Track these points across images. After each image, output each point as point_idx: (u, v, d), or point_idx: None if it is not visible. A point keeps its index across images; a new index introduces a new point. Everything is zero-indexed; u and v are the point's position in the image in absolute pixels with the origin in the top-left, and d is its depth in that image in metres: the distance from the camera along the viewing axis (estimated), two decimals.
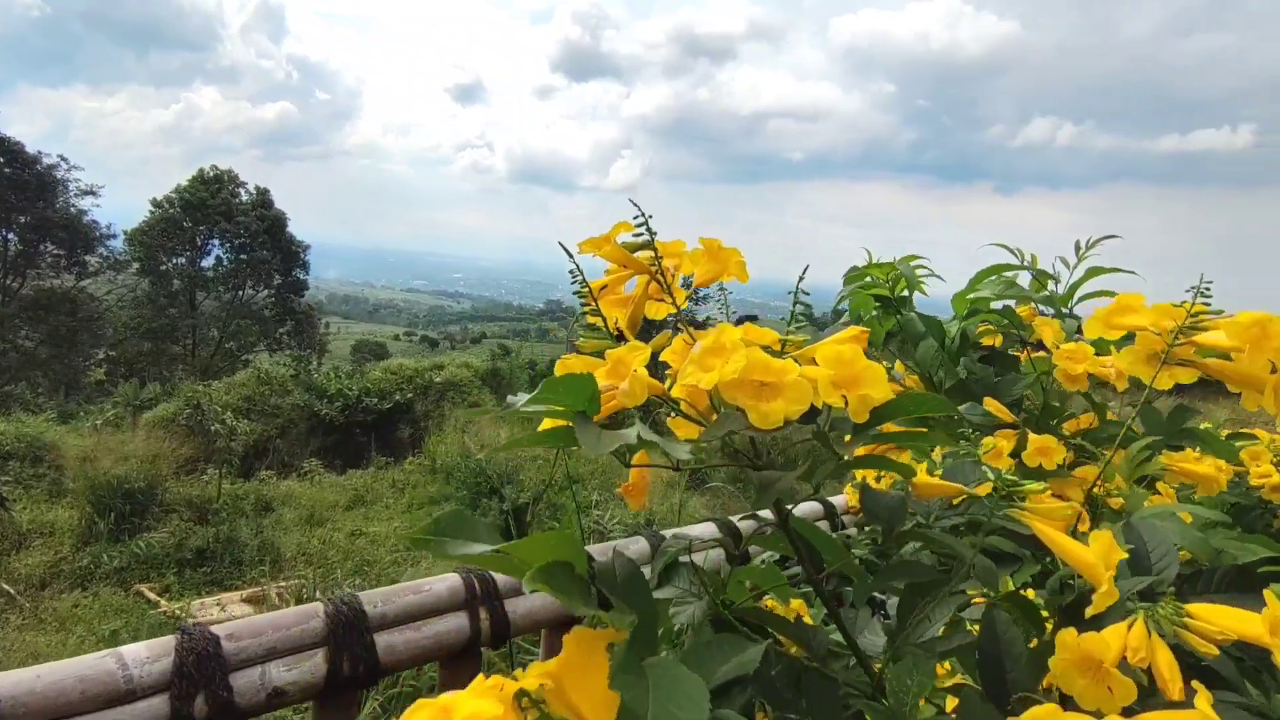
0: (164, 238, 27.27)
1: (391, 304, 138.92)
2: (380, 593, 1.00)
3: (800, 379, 0.50)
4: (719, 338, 0.52)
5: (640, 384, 0.52)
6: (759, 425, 0.50)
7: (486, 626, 1.07)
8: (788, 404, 0.50)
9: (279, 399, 14.55)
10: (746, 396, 0.50)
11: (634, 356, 0.54)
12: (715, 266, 0.63)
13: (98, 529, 8.38)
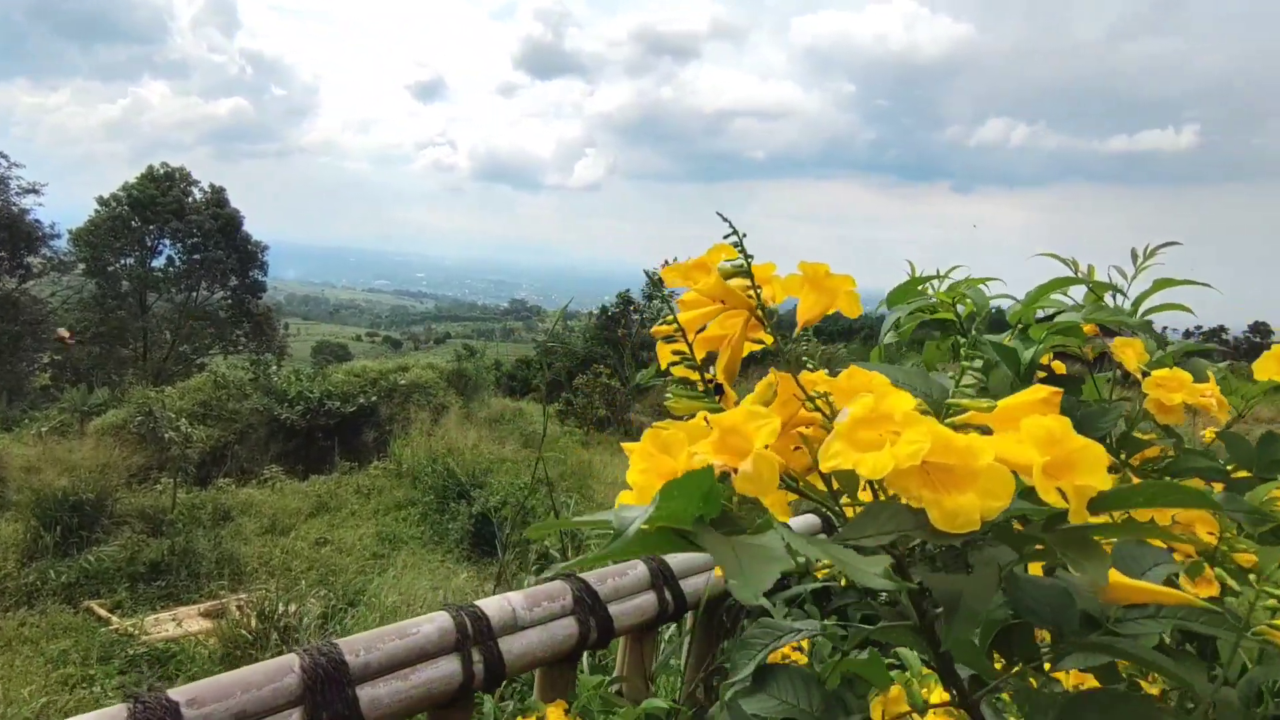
0: (111, 237, 26.31)
1: (353, 304, 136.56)
2: (362, 639, 0.90)
3: (998, 465, 0.38)
4: (880, 404, 0.40)
5: (770, 466, 0.40)
6: (944, 526, 0.37)
7: (480, 669, 0.98)
8: (983, 498, 0.38)
9: (237, 403, 14.11)
10: (922, 487, 0.38)
11: (757, 427, 0.41)
12: (821, 298, 0.52)
13: (44, 543, 8.00)
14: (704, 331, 0.54)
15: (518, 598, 1.06)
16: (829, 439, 0.41)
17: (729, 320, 0.53)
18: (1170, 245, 0.71)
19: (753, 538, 0.39)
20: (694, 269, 0.52)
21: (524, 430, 13.58)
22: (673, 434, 0.44)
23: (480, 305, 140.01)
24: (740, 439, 0.42)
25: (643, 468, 0.44)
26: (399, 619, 4.54)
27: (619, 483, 3.10)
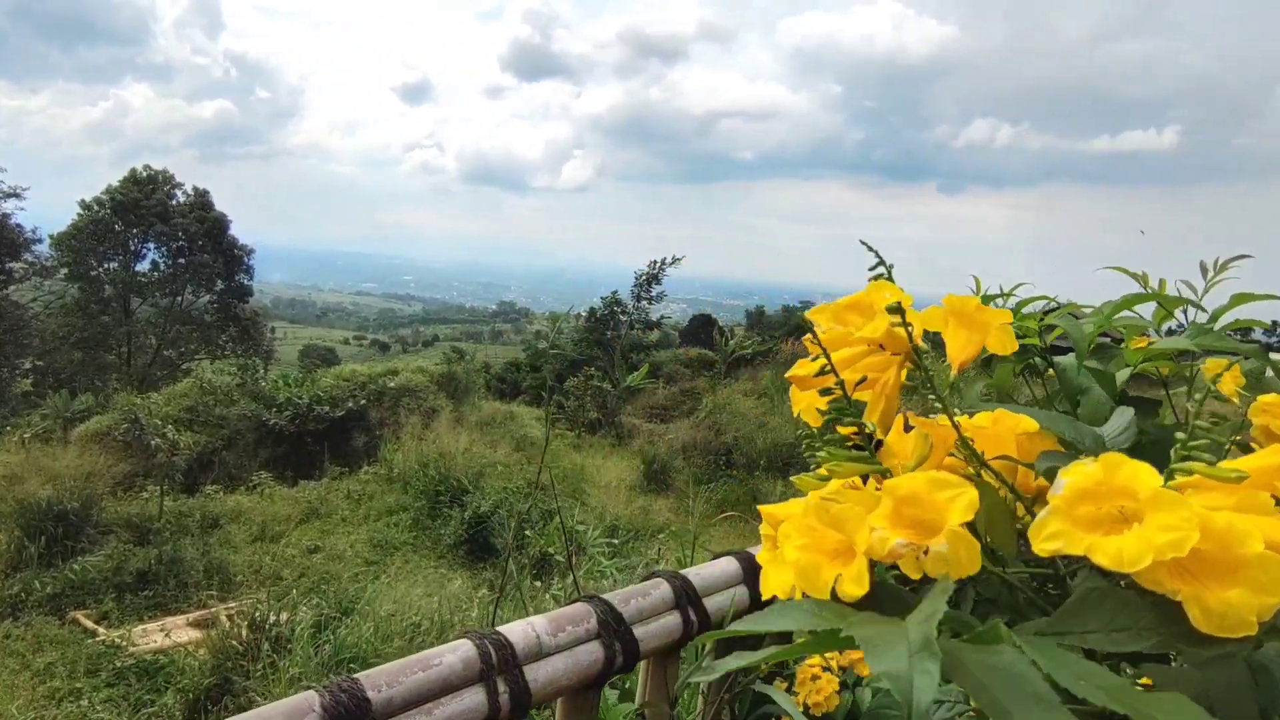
0: (94, 241, 26.00)
1: (340, 307, 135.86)
2: (384, 673, 0.85)
3: (1271, 553, 0.31)
4: (1112, 477, 0.33)
5: (970, 549, 0.34)
6: (1209, 629, 0.30)
7: (506, 700, 0.93)
8: (1256, 593, 0.30)
9: (224, 409, 13.95)
10: (1175, 579, 0.31)
11: (949, 499, 0.35)
12: (973, 335, 0.45)
13: (28, 554, 7.86)
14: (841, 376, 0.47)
15: (541, 622, 1.02)
16: (1044, 515, 0.34)
17: (879, 364, 0.47)
18: (1243, 258, 0.68)
19: (990, 656, 0.30)
20: (847, 310, 0.47)
21: (515, 434, 13.50)
22: (848, 508, 0.38)
23: (468, 307, 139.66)
24: (924, 511, 0.37)
25: (803, 543, 0.38)
26: (394, 628, 4.47)
27: (610, 485, 3.08)
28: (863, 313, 0.46)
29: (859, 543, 0.36)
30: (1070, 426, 0.45)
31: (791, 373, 0.49)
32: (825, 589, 0.36)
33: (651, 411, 17.57)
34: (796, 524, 0.39)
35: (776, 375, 18.17)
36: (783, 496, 2.27)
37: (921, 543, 0.36)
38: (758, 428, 13.62)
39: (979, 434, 0.41)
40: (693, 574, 1.31)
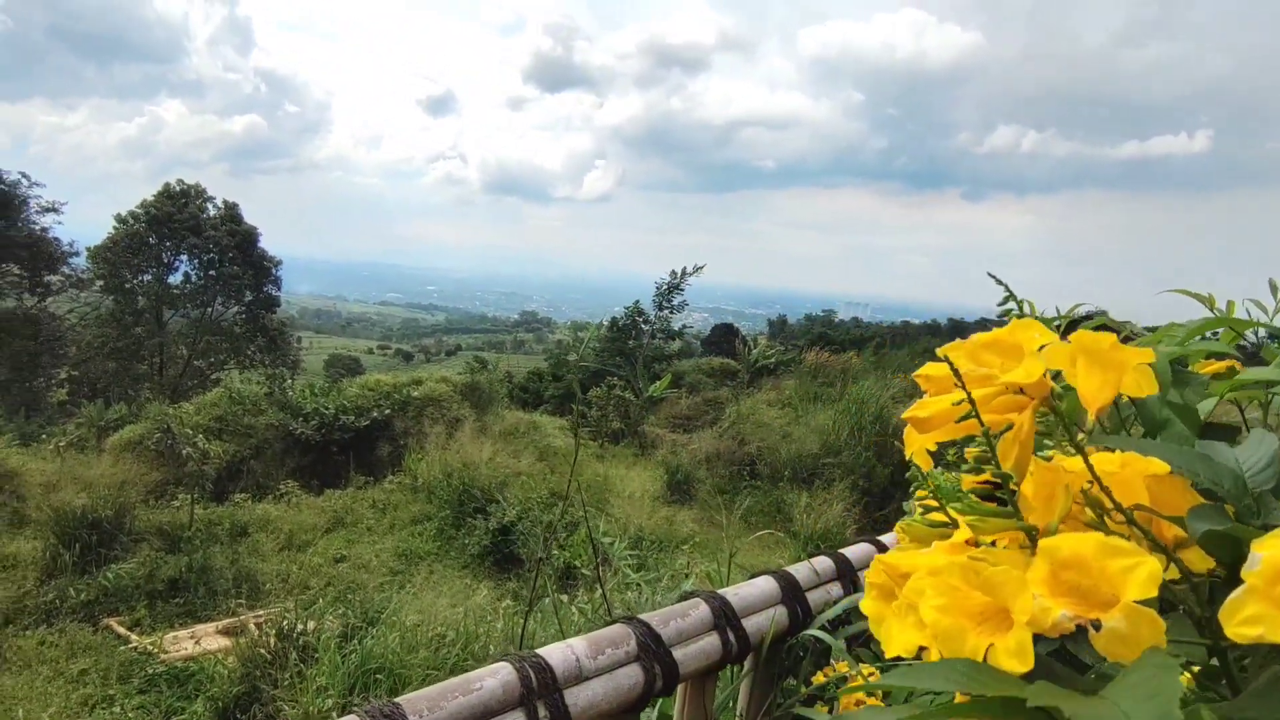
0: (129, 254, 26.59)
1: (365, 317, 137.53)
2: (425, 698, 0.84)
3: None
4: None
5: (1154, 627, 0.30)
6: None
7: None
8: None
9: (252, 418, 14.14)
10: None
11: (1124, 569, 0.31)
12: (1108, 375, 0.41)
13: (63, 561, 8.01)
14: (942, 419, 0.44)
15: (580, 645, 1.00)
16: (1239, 596, 0.30)
17: (1011, 406, 0.43)
18: None
19: None
20: (984, 349, 0.43)
21: (539, 444, 13.52)
22: (1005, 572, 0.34)
23: (491, 317, 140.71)
24: (1089, 578, 0.32)
25: (942, 604, 0.35)
26: (420, 638, 4.47)
27: (634, 496, 3.04)
28: (1003, 352, 0.43)
29: (1018, 611, 0.33)
30: (1206, 467, 0.41)
31: (910, 414, 0.46)
32: (973, 657, 0.33)
33: (674, 421, 17.52)
34: (934, 582, 0.36)
35: (800, 384, 18.02)
36: (807, 509, 2.25)
37: (1088, 615, 0.32)
38: (782, 438, 13.51)
39: (1106, 480, 0.38)
40: (731, 594, 1.28)
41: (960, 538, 0.41)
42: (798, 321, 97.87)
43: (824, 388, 17.10)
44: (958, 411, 0.43)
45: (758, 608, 1.27)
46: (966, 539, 0.40)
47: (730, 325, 62.34)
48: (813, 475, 12.31)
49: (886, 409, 12.53)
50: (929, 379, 0.46)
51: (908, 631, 0.35)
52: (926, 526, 0.45)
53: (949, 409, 0.44)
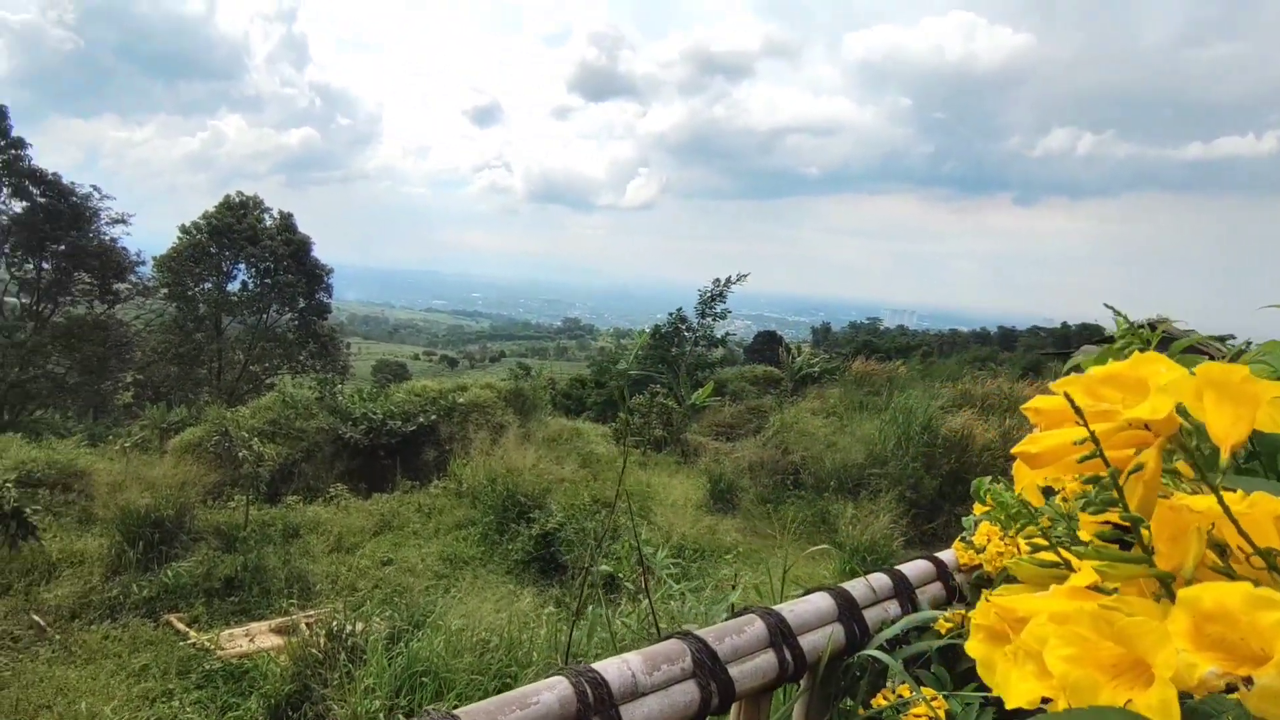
0: (191, 263, 27.67)
1: (411, 324, 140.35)
2: (482, 710, 0.84)
3: None
4: None
5: None
6: None
7: None
8: None
9: (304, 422, 14.52)
10: None
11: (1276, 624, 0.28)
12: (1241, 411, 0.38)
13: (127, 558, 8.32)
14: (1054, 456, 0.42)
15: (636, 660, 0.99)
16: None
17: (1130, 443, 0.40)
18: None
19: None
20: (1104, 384, 0.41)
21: (582, 450, 13.58)
22: (1144, 623, 0.31)
23: (534, 324, 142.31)
24: (1235, 632, 0.30)
25: (1071, 654, 0.33)
26: (464, 642, 4.51)
27: (677, 504, 3.02)
28: (1125, 387, 0.41)
29: (1161, 666, 0.30)
30: None
31: (1020, 449, 0.43)
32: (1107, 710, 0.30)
33: (717, 429, 17.42)
34: (1061, 631, 0.33)
35: (845, 393, 17.75)
36: (853, 520, 2.20)
37: (1236, 671, 0.29)
38: (826, 447, 13.31)
39: (1251, 523, 0.35)
40: (787, 610, 1.26)
41: (1081, 581, 0.38)
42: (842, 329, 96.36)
43: (869, 396, 16.80)
44: (1075, 449, 0.41)
45: (813, 625, 1.24)
46: (1089, 584, 0.38)
47: (773, 333, 61.76)
48: (858, 486, 12.09)
49: (935, 419, 12.24)
50: (1039, 412, 0.43)
51: (1028, 681, 0.33)
52: (1036, 566, 0.43)
53: (1065, 446, 0.41)
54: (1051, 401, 0.42)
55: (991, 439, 11.56)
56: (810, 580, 7.63)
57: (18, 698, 5.82)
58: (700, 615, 3.60)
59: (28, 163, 27.13)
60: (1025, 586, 0.44)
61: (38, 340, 26.60)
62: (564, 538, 9.04)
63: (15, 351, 25.67)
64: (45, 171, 27.74)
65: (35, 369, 26.15)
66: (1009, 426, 11.92)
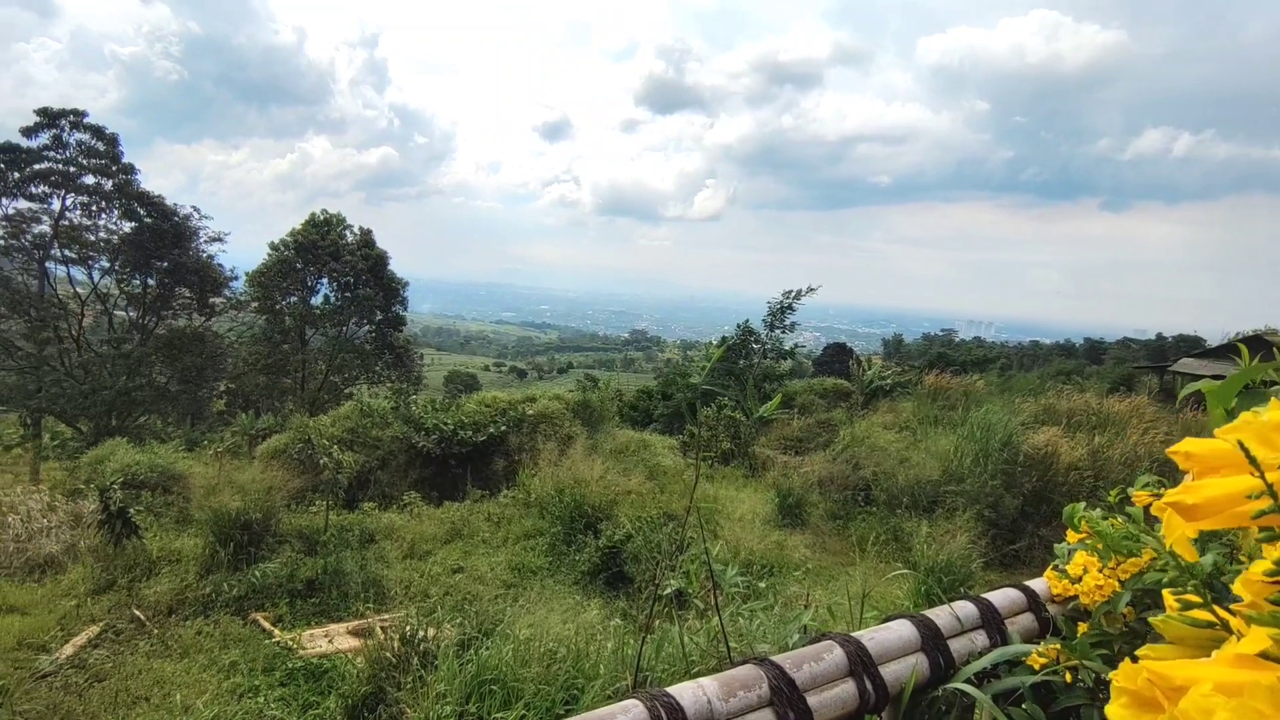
0: (279, 278, 29.17)
1: (482, 335, 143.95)
2: None
3: None
4: None
5: None
6: None
7: None
8: None
9: (379, 431, 15.05)
10: None
11: None
12: None
13: (219, 558, 8.77)
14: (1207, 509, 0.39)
15: (711, 685, 0.97)
16: None
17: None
18: None
19: None
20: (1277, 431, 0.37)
21: (649, 462, 13.59)
22: None
23: (601, 336, 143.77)
24: None
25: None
26: (532, 652, 4.56)
27: (744, 519, 2.97)
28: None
29: None
30: None
31: (1174, 498, 0.40)
32: None
33: (785, 443, 17.14)
34: (1235, 706, 0.30)
35: (919, 407, 17.20)
36: (928, 539, 2.11)
37: None
38: (899, 463, 12.90)
39: None
40: (866, 638, 1.22)
41: (1250, 648, 0.34)
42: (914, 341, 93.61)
43: (944, 411, 16.23)
44: (1248, 503, 0.36)
45: (895, 654, 1.19)
46: (1259, 650, 0.34)
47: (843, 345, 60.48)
48: (933, 503, 11.67)
49: (1016, 435, 11.70)
50: (1190, 457, 0.39)
51: None
52: (1189, 625, 0.39)
53: (1233, 496, 0.37)
54: (1206, 445, 0.38)
55: (1078, 458, 10.96)
56: (884, 601, 7.38)
57: (118, 689, 6.20)
58: (771, 634, 3.53)
59: (136, 186, 29.26)
60: (1175, 648, 0.40)
61: (143, 351, 28.54)
62: (631, 550, 9.03)
63: (123, 361, 27.61)
64: (151, 194, 29.87)
65: (141, 378, 28.04)
66: (1097, 445, 11.29)
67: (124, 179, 28.86)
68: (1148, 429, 12.11)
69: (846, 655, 1.12)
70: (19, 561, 9.28)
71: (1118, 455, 11.08)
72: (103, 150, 28.54)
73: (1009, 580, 5.13)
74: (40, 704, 5.86)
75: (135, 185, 29.04)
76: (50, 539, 9.69)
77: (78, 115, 28.19)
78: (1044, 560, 11.82)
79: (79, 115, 28.22)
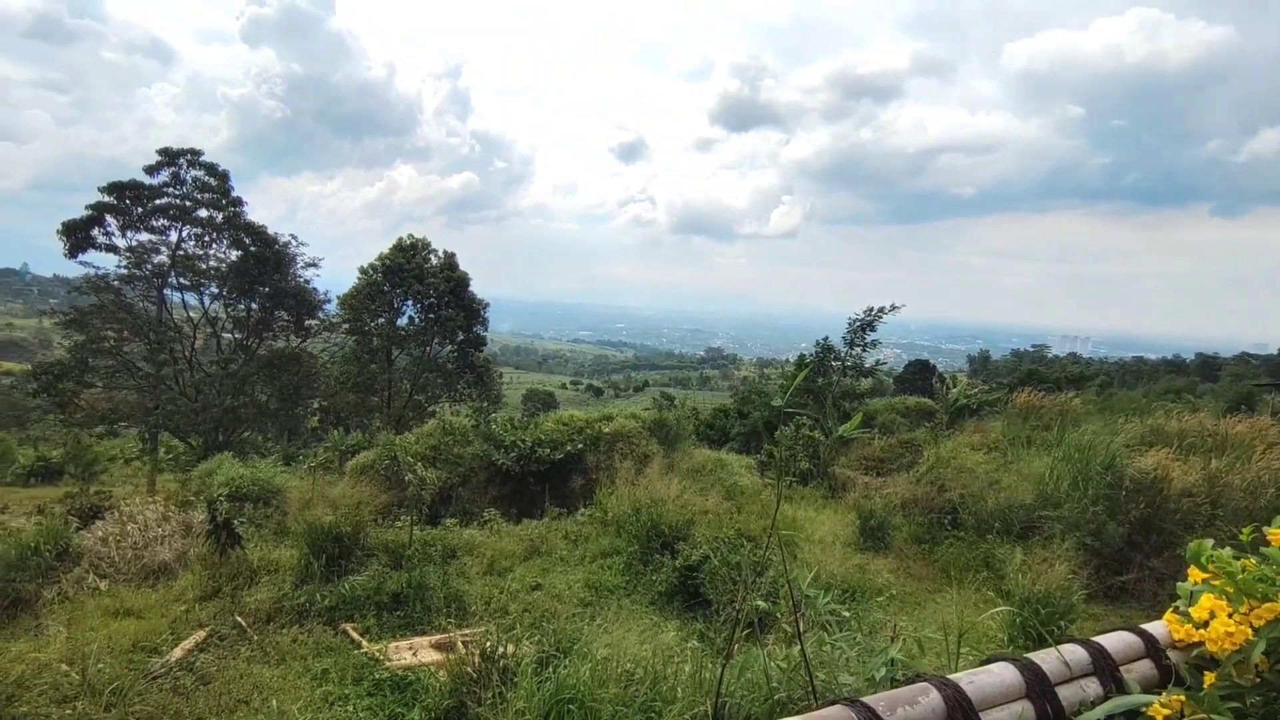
0: (368, 301, 30.62)
1: (559, 354, 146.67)
2: None
3: None
4: None
5: None
6: None
7: None
8: None
9: (461, 448, 15.47)
10: None
11: None
12: None
13: (313, 569, 9.18)
14: None
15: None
16: None
17: None
18: None
19: None
20: None
21: (726, 482, 13.45)
22: None
23: (677, 354, 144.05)
24: None
25: None
26: (609, 672, 4.54)
27: (824, 541, 2.88)
28: None
29: None
30: None
31: None
32: None
33: (866, 463, 16.64)
34: None
35: (1009, 427, 16.38)
36: (1022, 567, 1.99)
37: None
38: (988, 485, 12.30)
39: None
40: (965, 681, 1.15)
41: None
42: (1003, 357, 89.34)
43: (1037, 431, 15.39)
44: None
45: (996, 701, 1.12)
46: None
47: (925, 362, 58.49)
48: (1027, 529, 11.04)
49: (1119, 458, 10.96)
50: None
51: None
52: None
53: None
54: None
55: (1193, 483, 10.16)
56: (975, 633, 7.00)
57: (221, 692, 6.55)
58: (855, 666, 3.40)
59: (243, 218, 31.41)
60: None
61: (247, 370, 30.44)
62: (708, 571, 8.93)
63: (230, 381, 29.51)
64: (256, 224, 32.03)
65: (244, 396, 29.89)
66: (1215, 470, 10.43)
67: (233, 211, 31.05)
68: (1272, 453, 11.11)
69: (944, 700, 1.06)
70: (136, 567, 9.98)
71: (1239, 482, 10.19)
72: (215, 185, 30.83)
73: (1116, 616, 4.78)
74: (151, 705, 6.24)
75: (242, 217, 31.20)
76: (164, 547, 10.38)
77: (194, 154, 30.58)
78: (1155, 594, 10.95)
79: (195, 154, 30.61)
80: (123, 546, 10.32)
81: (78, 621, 8.13)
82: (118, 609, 8.61)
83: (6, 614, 8.64)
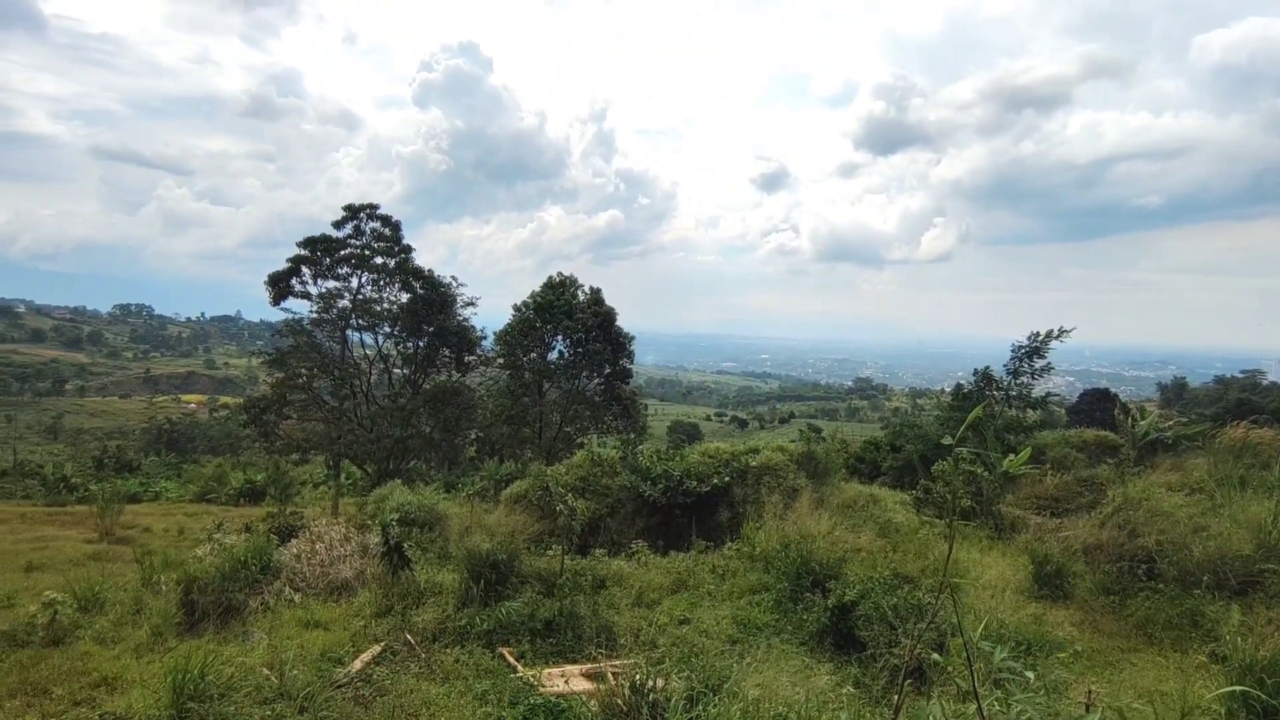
0: (521, 336, 32.39)
1: (703, 386, 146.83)
2: None
3: None
4: None
5: None
6: None
7: None
8: None
9: (609, 480, 15.81)
10: None
11: None
12: None
13: (473, 593, 9.68)
14: None
15: None
16: None
17: None
18: None
19: None
20: None
21: (879, 518, 12.78)
22: None
23: (824, 384, 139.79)
24: None
25: None
26: (760, 714, 4.41)
27: (991, 585, 2.62)
28: None
29: None
30: None
31: None
32: None
33: (1039, 502, 15.19)
34: None
35: (1216, 465, 14.35)
36: (1242, 628, 1.71)
37: None
38: (1192, 532, 10.78)
39: None
40: None
41: None
42: (1203, 384, 78.73)
43: (1253, 470, 13.35)
44: None
45: None
46: None
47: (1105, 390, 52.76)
48: (1246, 584, 9.55)
49: None
50: None
51: None
52: None
53: None
54: None
55: None
56: (1178, 701, 6.11)
57: (394, 705, 7.02)
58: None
59: (412, 263, 34.43)
60: None
61: (414, 404, 33.07)
62: (862, 612, 8.48)
63: (399, 414, 32.20)
64: (423, 269, 34.98)
65: (411, 428, 32.46)
66: None
67: (403, 257, 34.15)
68: None
69: None
70: (323, 583, 11.01)
71: None
72: (389, 234, 34.12)
73: None
74: (336, 712, 6.81)
75: (411, 262, 34.22)
76: (345, 565, 11.39)
77: (372, 208, 34.10)
78: None
79: (373, 208, 34.12)
80: (313, 563, 11.43)
81: (276, 630, 9.06)
82: (308, 620, 9.51)
83: (221, 620, 9.80)
